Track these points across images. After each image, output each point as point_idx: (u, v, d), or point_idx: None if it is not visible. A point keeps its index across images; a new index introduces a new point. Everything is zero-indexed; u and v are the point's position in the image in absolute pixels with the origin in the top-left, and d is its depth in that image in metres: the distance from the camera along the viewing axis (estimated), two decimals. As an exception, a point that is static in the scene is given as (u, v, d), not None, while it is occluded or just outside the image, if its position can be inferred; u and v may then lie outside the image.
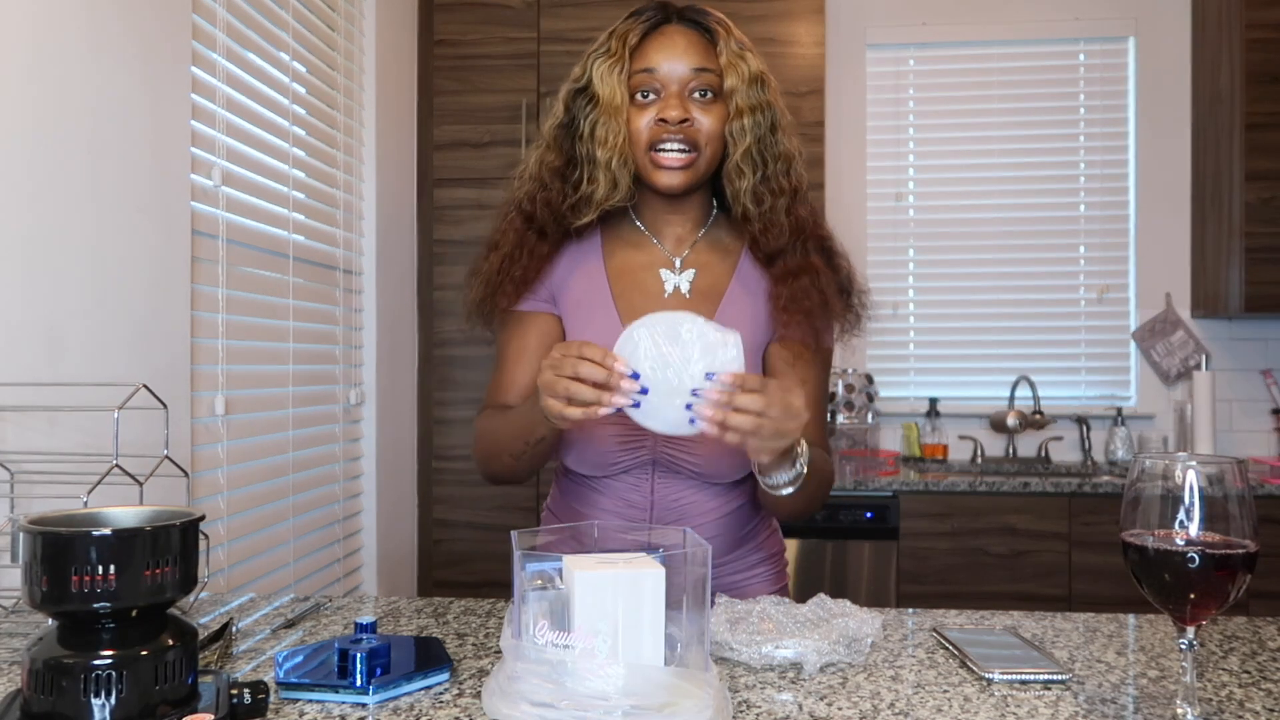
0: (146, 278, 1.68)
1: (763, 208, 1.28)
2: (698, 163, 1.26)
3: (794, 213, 1.28)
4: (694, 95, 1.25)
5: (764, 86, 1.27)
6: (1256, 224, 3.02)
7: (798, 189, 1.30)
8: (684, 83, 1.25)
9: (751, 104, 1.26)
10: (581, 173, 1.27)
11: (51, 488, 1.29)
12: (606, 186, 1.26)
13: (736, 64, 1.25)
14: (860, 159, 3.52)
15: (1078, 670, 0.99)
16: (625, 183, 1.27)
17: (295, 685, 0.89)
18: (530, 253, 1.30)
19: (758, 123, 1.26)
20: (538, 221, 1.30)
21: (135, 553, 0.77)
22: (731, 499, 1.32)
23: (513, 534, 0.88)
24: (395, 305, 2.92)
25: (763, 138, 1.27)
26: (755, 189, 1.27)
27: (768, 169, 1.27)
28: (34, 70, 1.42)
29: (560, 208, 1.28)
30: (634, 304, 1.30)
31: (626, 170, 1.26)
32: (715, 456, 1.27)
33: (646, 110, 1.25)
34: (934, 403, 3.42)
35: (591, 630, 0.82)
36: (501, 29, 3.16)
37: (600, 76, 1.26)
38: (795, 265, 1.29)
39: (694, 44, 1.26)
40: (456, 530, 3.16)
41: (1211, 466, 0.80)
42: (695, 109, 1.25)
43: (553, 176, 1.29)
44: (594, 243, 1.35)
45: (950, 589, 2.85)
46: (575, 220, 1.29)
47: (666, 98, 1.25)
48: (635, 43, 1.27)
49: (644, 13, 1.29)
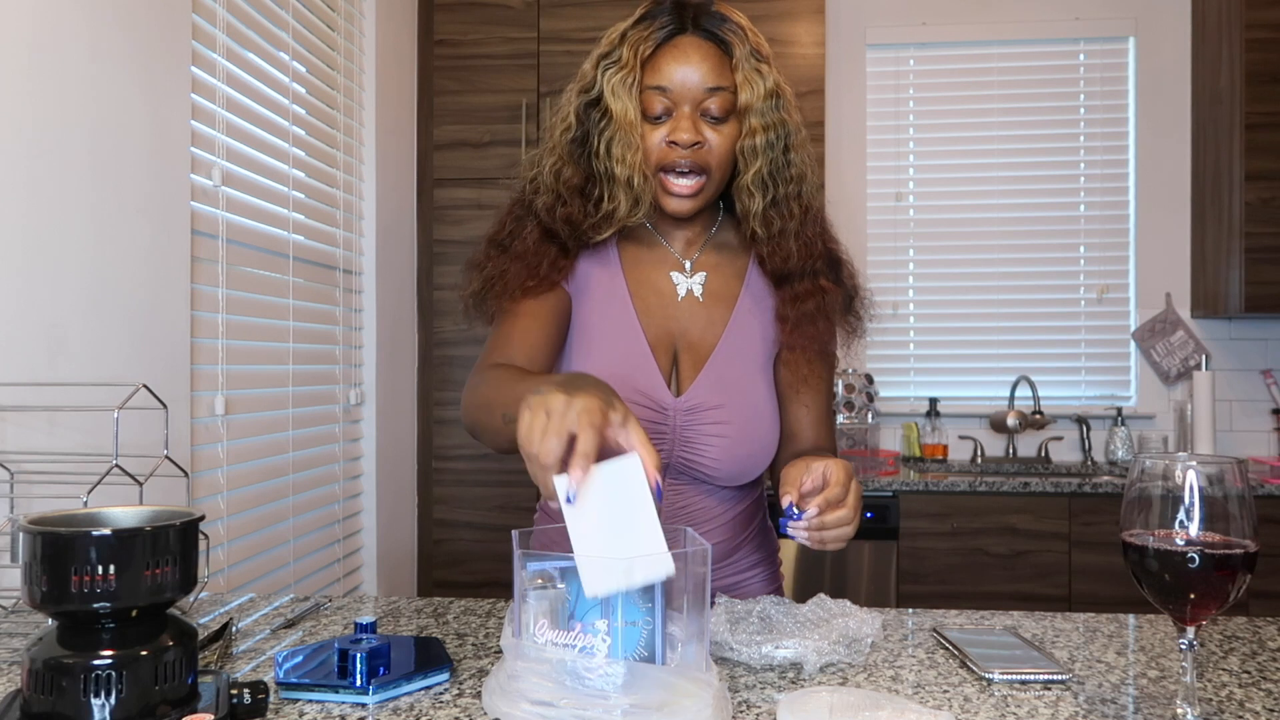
0: (146, 278, 1.68)
1: (771, 231, 1.26)
2: (707, 187, 1.24)
3: (803, 235, 1.27)
4: (706, 114, 1.22)
5: (779, 101, 1.24)
6: (1256, 224, 3.02)
7: (808, 208, 1.27)
8: (696, 102, 1.22)
9: (765, 122, 1.23)
10: (601, 190, 1.24)
11: (51, 488, 1.29)
12: (628, 205, 1.23)
13: (752, 79, 1.22)
14: (860, 159, 3.52)
15: (1078, 670, 0.99)
16: (647, 200, 1.24)
17: (295, 685, 0.89)
18: (552, 264, 1.27)
19: (770, 143, 1.23)
20: (558, 236, 1.27)
21: (135, 553, 0.77)
22: (738, 502, 1.32)
23: (513, 534, 0.88)
24: (395, 305, 2.92)
25: (775, 159, 1.24)
26: (765, 213, 1.25)
27: (778, 191, 1.25)
28: (34, 70, 1.42)
29: (582, 225, 1.26)
30: (649, 303, 1.30)
31: (648, 187, 1.23)
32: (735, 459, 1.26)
33: (658, 129, 1.22)
34: (934, 403, 3.42)
35: (592, 531, 0.81)
36: (501, 29, 3.16)
37: (612, 90, 1.22)
38: (803, 290, 1.28)
39: (708, 58, 1.22)
40: (456, 530, 3.15)
41: (1211, 466, 0.80)
42: (707, 129, 1.22)
43: (572, 194, 1.25)
44: (610, 241, 1.33)
45: (950, 589, 2.85)
46: (596, 236, 1.27)
47: (678, 118, 1.22)
48: (648, 54, 1.22)
49: (658, 17, 1.24)
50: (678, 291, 1.31)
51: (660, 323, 1.29)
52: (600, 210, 1.24)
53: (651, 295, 1.30)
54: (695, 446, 1.25)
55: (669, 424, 1.25)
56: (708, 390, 1.26)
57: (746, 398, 1.26)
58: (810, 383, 1.31)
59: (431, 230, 3.18)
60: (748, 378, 1.28)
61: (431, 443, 3.17)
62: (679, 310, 1.30)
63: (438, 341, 3.18)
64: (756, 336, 1.31)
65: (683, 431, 1.25)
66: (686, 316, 1.30)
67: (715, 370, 1.27)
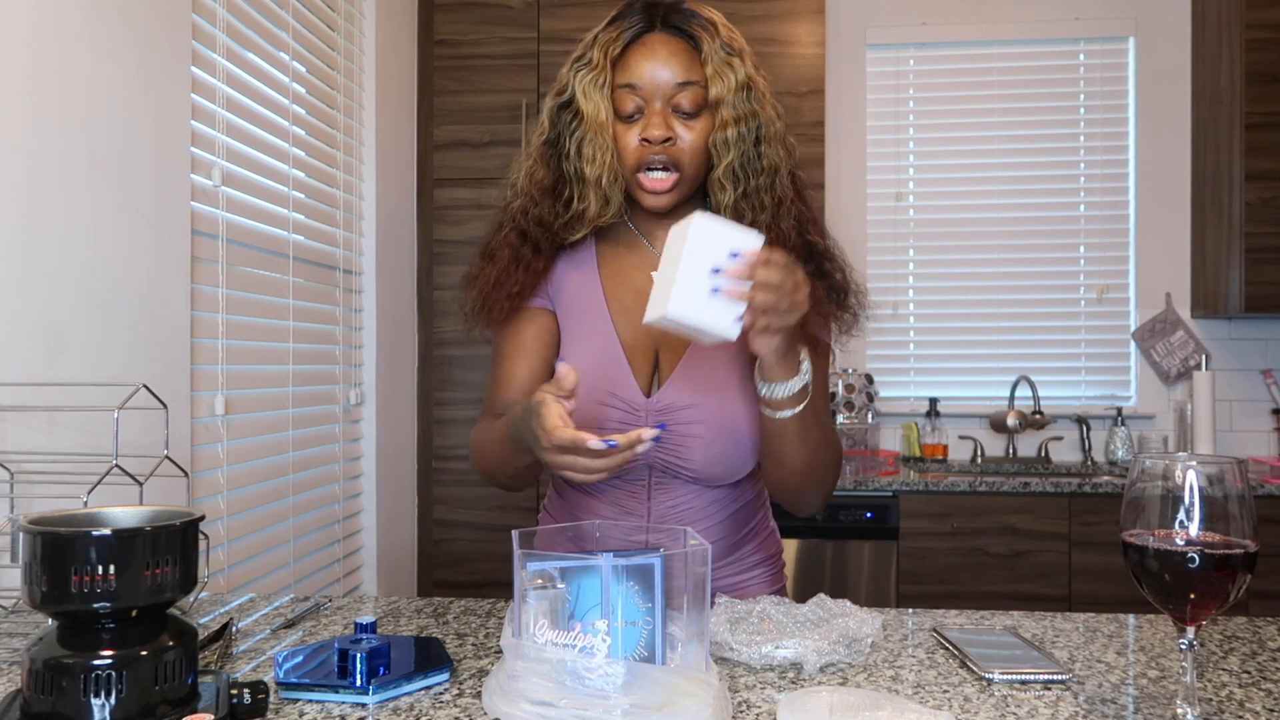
0: (146, 278, 1.68)
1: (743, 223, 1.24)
2: (681, 183, 1.24)
3: (775, 228, 1.25)
4: (678, 110, 1.22)
5: (751, 93, 1.23)
6: (1256, 224, 3.02)
7: (781, 202, 1.26)
8: (667, 98, 1.22)
9: (737, 114, 1.23)
10: (572, 191, 1.26)
11: (51, 488, 1.29)
12: (598, 204, 1.25)
13: (723, 72, 1.22)
14: (860, 159, 3.52)
15: (1078, 670, 0.99)
16: (617, 199, 1.26)
17: (295, 685, 0.89)
18: (526, 268, 1.29)
19: (742, 135, 1.23)
20: (531, 238, 1.29)
21: (135, 553, 0.77)
22: (729, 502, 1.32)
23: (513, 534, 0.88)
24: (395, 305, 2.92)
25: (746, 151, 1.24)
26: (737, 204, 1.25)
27: (749, 184, 1.24)
28: (34, 70, 1.42)
29: (553, 225, 1.27)
30: (626, 305, 1.30)
31: (618, 187, 1.25)
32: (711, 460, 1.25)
33: (631, 128, 1.23)
34: (934, 403, 3.42)
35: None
36: (501, 29, 3.17)
37: (583, 91, 1.23)
38: None
39: (677, 54, 1.22)
40: (456, 530, 3.16)
41: (1211, 466, 0.80)
42: (679, 124, 1.22)
43: (543, 195, 1.27)
44: (588, 243, 1.34)
45: (950, 589, 2.85)
46: (568, 236, 1.28)
47: (649, 115, 1.22)
48: (617, 54, 1.23)
49: (626, 17, 1.25)
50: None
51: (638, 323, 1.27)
52: (570, 210, 1.26)
53: (630, 296, 1.30)
54: (670, 447, 1.25)
55: (642, 424, 1.25)
56: (680, 390, 1.26)
57: (721, 395, 1.25)
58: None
59: (431, 230, 3.18)
60: (722, 374, 1.27)
61: (431, 443, 3.17)
62: None
63: (438, 341, 3.18)
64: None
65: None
66: None
67: (689, 369, 1.26)
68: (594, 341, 1.29)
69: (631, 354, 1.28)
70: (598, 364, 1.27)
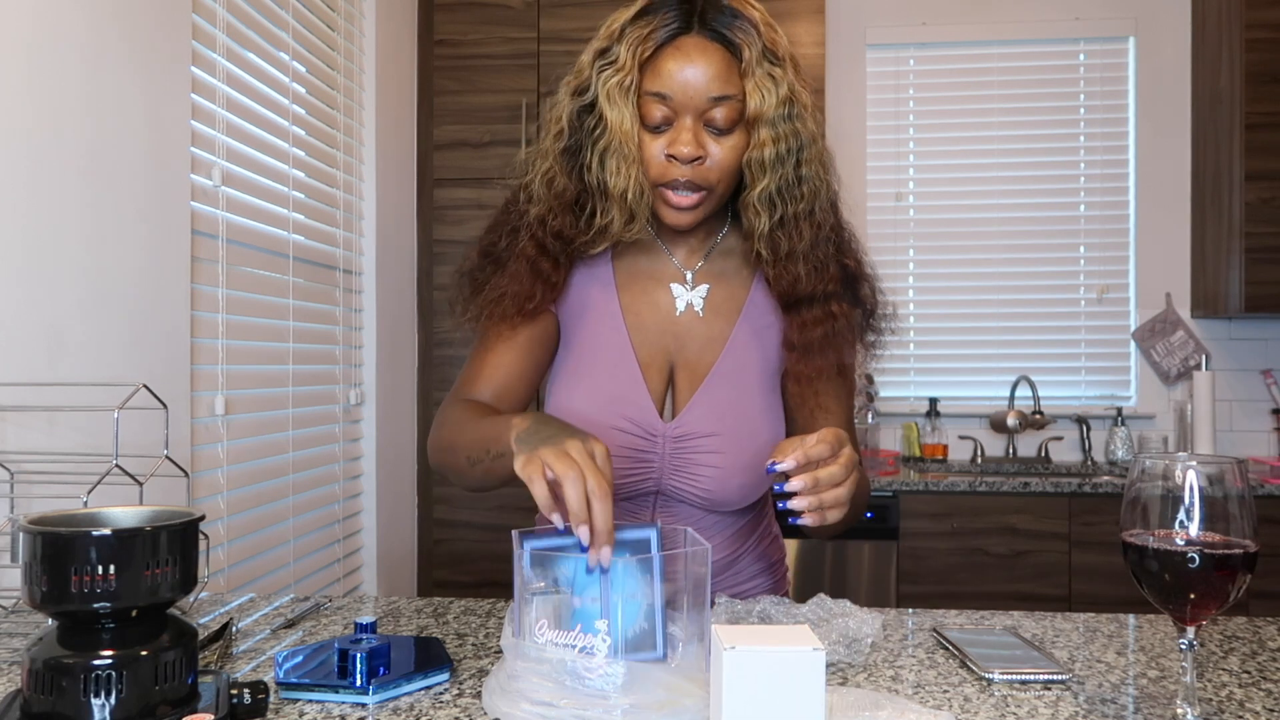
0: (146, 278, 1.68)
1: (778, 253, 1.17)
2: (708, 201, 1.15)
3: (812, 258, 1.16)
4: (710, 125, 1.11)
5: (792, 109, 1.12)
6: (1256, 224, 3.02)
7: (820, 227, 1.17)
8: (700, 112, 1.10)
9: (776, 134, 1.11)
10: (595, 203, 1.16)
11: (51, 488, 1.29)
12: (622, 220, 1.15)
13: (764, 86, 1.10)
14: (860, 159, 3.52)
15: (1078, 670, 0.99)
16: (643, 215, 1.16)
17: (295, 685, 0.89)
18: (544, 281, 1.19)
19: (780, 157, 1.12)
20: (551, 251, 1.19)
21: (135, 553, 0.77)
22: (734, 523, 1.27)
23: (513, 534, 0.88)
24: (395, 305, 2.92)
25: (784, 175, 1.13)
26: (771, 234, 1.16)
27: (786, 210, 1.15)
28: (33, 70, 1.42)
29: (574, 240, 1.18)
30: (643, 320, 1.23)
31: (644, 203, 1.14)
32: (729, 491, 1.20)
33: (657, 138, 1.12)
34: (934, 403, 3.42)
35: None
36: (501, 29, 3.16)
37: (608, 95, 1.11)
38: (811, 317, 1.19)
39: (714, 63, 1.10)
40: (456, 530, 3.15)
41: (1211, 466, 0.80)
42: (711, 140, 1.12)
43: (564, 208, 1.17)
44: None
45: (950, 589, 2.85)
46: (589, 250, 1.20)
47: (678, 129, 1.11)
48: (647, 55, 1.11)
49: (659, 12, 1.11)
50: (676, 305, 1.24)
51: (655, 340, 1.23)
52: (593, 226, 1.16)
53: (647, 310, 1.23)
54: (685, 475, 1.19)
55: (657, 450, 1.19)
56: (701, 417, 1.19)
57: (743, 424, 1.19)
58: (823, 403, 1.23)
59: (431, 230, 3.18)
60: (746, 400, 1.21)
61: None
62: (677, 326, 1.23)
63: (438, 341, 3.18)
64: (758, 354, 1.24)
65: (672, 459, 1.20)
66: (684, 333, 1.23)
67: (710, 393, 1.20)
68: (610, 362, 1.21)
69: (647, 371, 1.21)
70: (613, 386, 1.20)
